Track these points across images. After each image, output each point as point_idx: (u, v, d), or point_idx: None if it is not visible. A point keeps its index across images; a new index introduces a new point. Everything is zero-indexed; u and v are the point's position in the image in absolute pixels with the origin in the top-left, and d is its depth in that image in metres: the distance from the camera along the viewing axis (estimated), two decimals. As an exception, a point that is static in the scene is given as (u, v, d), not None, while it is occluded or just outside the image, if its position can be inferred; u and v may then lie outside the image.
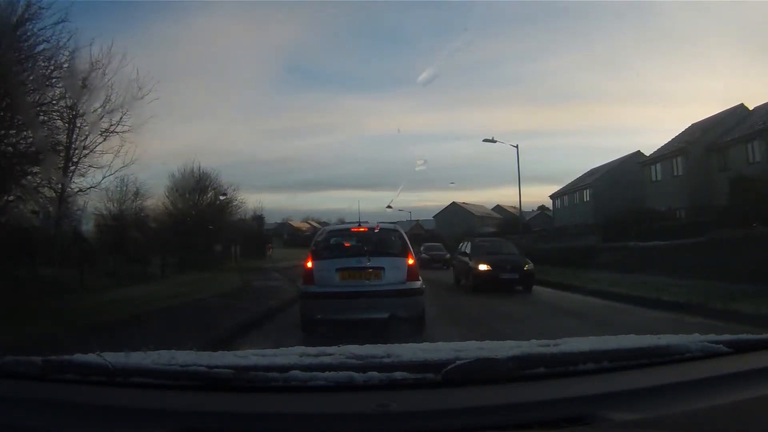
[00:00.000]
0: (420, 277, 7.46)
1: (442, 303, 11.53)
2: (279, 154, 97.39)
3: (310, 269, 7.26)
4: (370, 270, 7.15)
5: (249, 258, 34.18)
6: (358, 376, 1.45)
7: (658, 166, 32.24)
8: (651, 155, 33.94)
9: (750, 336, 1.84)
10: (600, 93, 75.77)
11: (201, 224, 28.56)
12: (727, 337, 1.81)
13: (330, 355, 1.65)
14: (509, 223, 44.38)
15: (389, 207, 25.62)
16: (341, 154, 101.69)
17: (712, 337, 1.82)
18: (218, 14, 62.09)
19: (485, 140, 26.45)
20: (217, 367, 1.51)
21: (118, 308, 9.51)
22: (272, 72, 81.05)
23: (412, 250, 7.66)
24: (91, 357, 1.62)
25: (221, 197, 32.29)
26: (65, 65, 12.23)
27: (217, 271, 23.11)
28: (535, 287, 14.21)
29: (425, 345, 1.89)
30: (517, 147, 27.15)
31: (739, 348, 1.74)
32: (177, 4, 53.39)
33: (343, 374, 1.47)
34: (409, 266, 7.28)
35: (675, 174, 30.18)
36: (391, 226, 8.50)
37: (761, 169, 21.97)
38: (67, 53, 12.04)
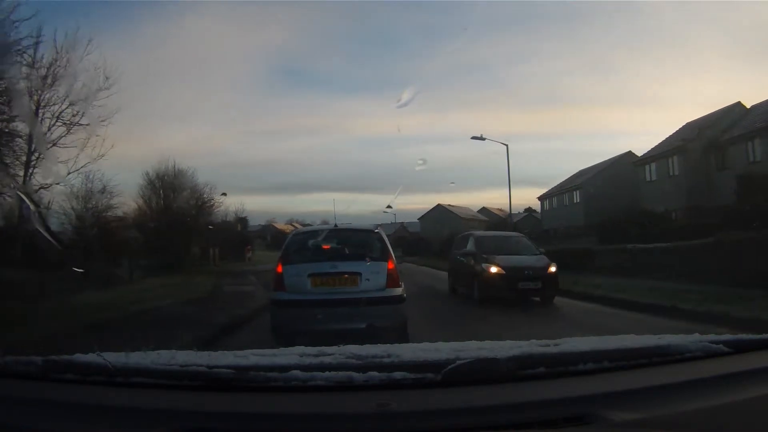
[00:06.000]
0: (402, 283, 6.88)
1: (439, 322, 9.47)
2: (264, 156, 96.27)
3: (280, 274, 6.70)
4: (346, 276, 6.58)
5: (228, 260, 32.97)
6: (358, 376, 1.46)
7: (653, 165, 31.44)
8: (645, 154, 33.06)
9: (750, 336, 1.84)
10: (587, 97, 75.56)
11: (176, 225, 27.05)
12: (727, 337, 1.81)
13: (330, 355, 1.65)
14: (496, 225, 43.80)
15: (389, 207, 25.19)
16: (327, 157, 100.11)
17: (712, 337, 1.82)
18: (204, 14, 61.43)
19: (473, 137, 25.41)
20: (217, 367, 1.51)
21: (63, 317, 8.47)
22: (257, 74, 79.61)
23: (392, 253, 7.08)
24: (91, 357, 1.62)
25: (204, 197, 30.91)
26: (27, 52, 11.81)
27: (191, 274, 21.79)
28: (559, 299, 11.70)
29: (425, 345, 1.89)
30: (507, 146, 26.58)
31: (739, 348, 1.74)
32: (162, 4, 53.02)
33: (343, 374, 1.47)
34: (389, 271, 6.71)
35: (671, 174, 29.55)
36: (371, 227, 7.75)
37: (764, 168, 21.09)
38: (31, 40, 11.68)
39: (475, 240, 13.15)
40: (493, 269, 11.37)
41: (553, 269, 11.82)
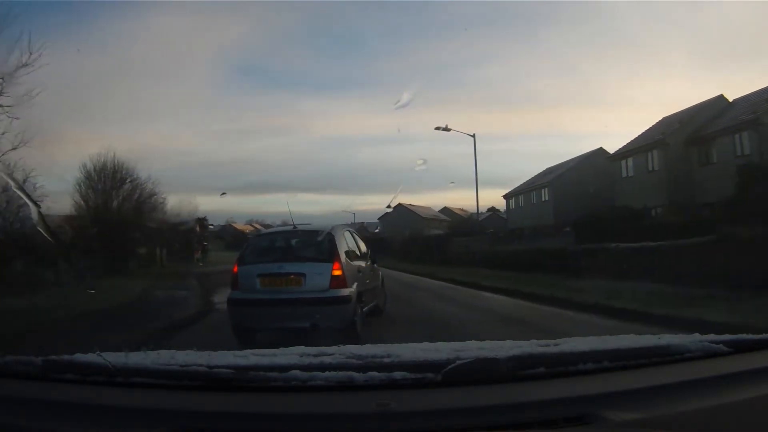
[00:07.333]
0: (353, 284, 6.95)
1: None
2: (226, 156, 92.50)
3: (236, 274, 7.17)
4: (291, 276, 6.84)
5: (177, 261, 30.90)
6: (358, 376, 1.46)
7: (630, 161, 29.81)
8: (622, 149, 31.44)
9: (750, 336, 1.84)
10: (551, 97, 73.11)
11: (116, 222, 24.95)
12: (727, 337, 1.81)
13: (330, 354, 1.65)
14: (459, 224, 42.56)
15: (389, 207, 25.08)
16: (289, 157, 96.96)
17: (712, 337, 1.81)
18: (165, 10, 59.08)
19: (437, 128, 24.55)
20: (217, 367, 1.51)
21: None
22: (218, 73, 77.22)
23: (340, 255, 7.14)
24: (92, 357, 1.62)
25: (146, 193, 28.46)
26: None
27: (129, 276, 20.23)
28: (543, 308, 9.88)
29: (425, 345, 1.89)
30: (474, 136, 25.65)
31: (739, 348, 1.74)
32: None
33: (343, 374, 1.47)
34: (334, 272, 6.85)
35: (650, 169, 27.93)
36: (327, 228, 7.76)
37: (749, 161, 19.52)
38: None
39: None
40: None
41: None
